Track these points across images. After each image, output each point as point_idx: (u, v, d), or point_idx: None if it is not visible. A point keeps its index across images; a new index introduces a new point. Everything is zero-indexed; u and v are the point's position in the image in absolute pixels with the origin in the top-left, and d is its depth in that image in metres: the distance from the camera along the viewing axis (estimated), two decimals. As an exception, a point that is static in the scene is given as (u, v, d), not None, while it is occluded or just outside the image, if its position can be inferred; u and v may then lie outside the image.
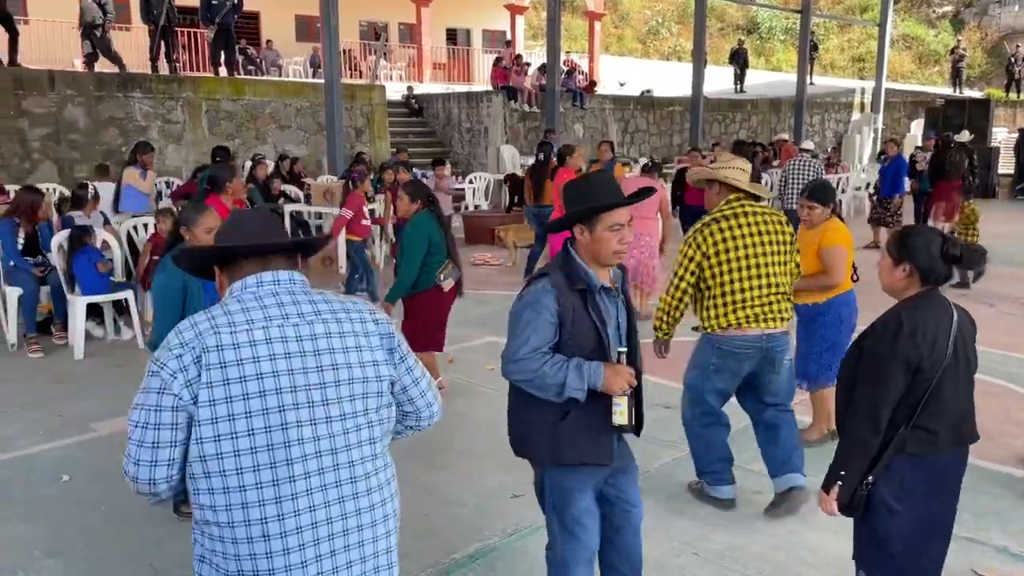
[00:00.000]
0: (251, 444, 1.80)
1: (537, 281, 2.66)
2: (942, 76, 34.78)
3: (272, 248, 1.99)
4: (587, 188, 2.69)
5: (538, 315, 2.58)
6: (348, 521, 1.91)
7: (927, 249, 2.60)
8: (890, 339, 2.55)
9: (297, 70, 22.53)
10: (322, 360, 1.89)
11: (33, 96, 12.11)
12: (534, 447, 2.74)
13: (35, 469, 4.68)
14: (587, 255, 2.66)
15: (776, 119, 24.05)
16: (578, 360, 2.58)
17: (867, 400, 2.57)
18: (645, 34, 39.91)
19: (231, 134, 14.03)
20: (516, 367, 2.59)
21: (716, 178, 4.01)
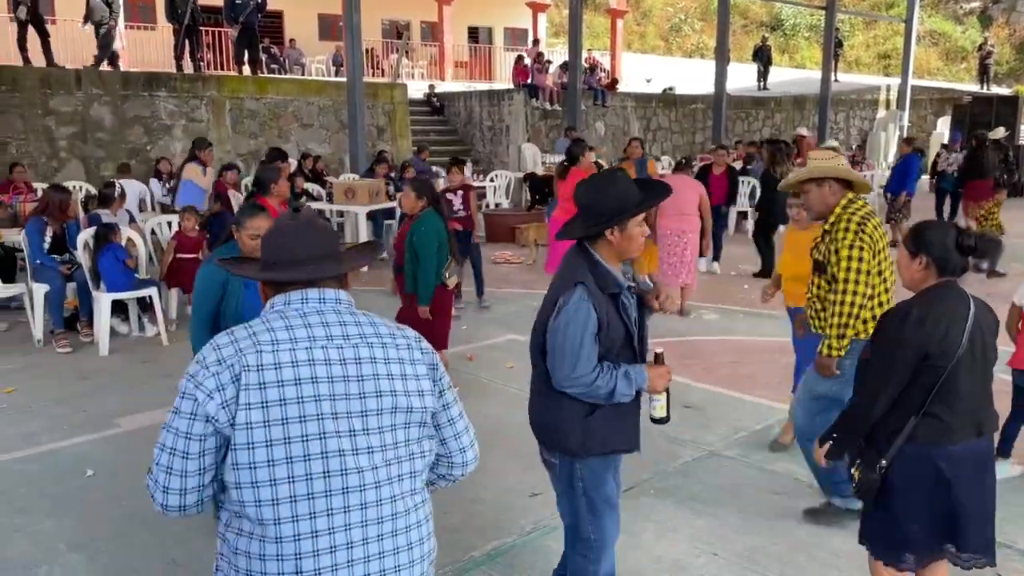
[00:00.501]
0: (288, 473, 1.71)
1: (573, 291, 2.64)
2: (969, 73, 34.31)
3: (323, 277, 1.88)
4: (618, 190, 2.69)
5: (585, 330, 2.61)
6: (385, 561, 1.80)
7: (942, 241, 2.67)
8: (897, 324, 2.66)
9: (320, 69, 22.65)
10: (365, 387, 1.79)
11: (60, 95, 12.26)
12: (563, 437, 2.79)
13: (60, 464, 4.73)
14: (611, 254, 2.70)
15: (800, 117, 23.83)
16: (624, 368, 2.66)
17: (873, 379, 2.70)
18: (668, 31, 39.70)
19: (254, 133, 14.13)
20: (574, 382, 2.64)
21: (835, 174, 3.72)
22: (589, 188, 2.76)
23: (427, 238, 5.30)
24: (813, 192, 3.79)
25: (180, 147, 13.30)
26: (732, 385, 5.96)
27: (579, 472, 2.83)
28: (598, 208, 2.67)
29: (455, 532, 3.90)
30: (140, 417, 5.34)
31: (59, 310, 7.09)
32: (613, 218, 2.64)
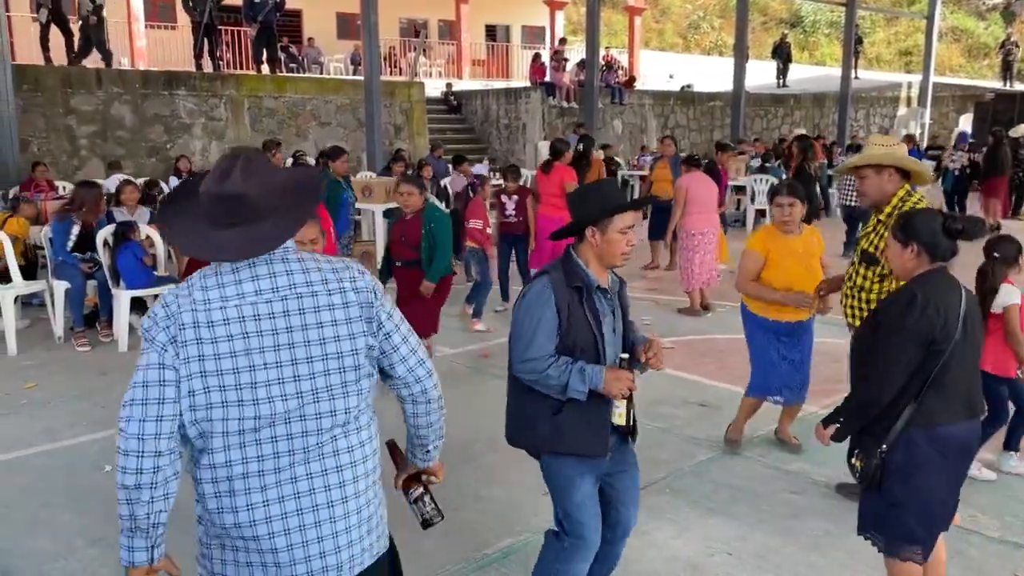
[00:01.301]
0: (223, 415, 1.87)
1: (537, 280, 2.73)
2: (992, 70, 33.91)
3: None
4: (599, 192, 2.77)
5: (541, 315, 2.66)
6: (317, 496, 1.94)
7: (930, 227, 2.76)
8: (904, 312, 2.69)
9: (338, 67, 22.73)
10: (293, 337, 1.90)
11: (81, 94, 12.40)
12: (532, 435, 2.82)
13: (79, 459, 4.79)
14: (593, 257, 2.74)
15: (820, 114, 23.66)
16: (581, 364, 2.65)
17: (881, 365, 2.72)
18: (686, 29, 39.53)
19: (273, 131, 14.21)
20: (523, 367, 2.68)
21: (895, 163, 3.59)
22: (577, 193, 2.89)
23: (445, 223, 5.65)
24: (871, 178, 3.66)
25: (199, 145, 13.42)
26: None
27: (547, 476, 2.87)
28: (582, 206, 2.76)
29: (467, 529, 3.91)
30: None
31: (80, 308, 7.16)
32: (593, 216, 2.70)
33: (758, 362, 4.70)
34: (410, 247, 5.60)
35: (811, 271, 4.46)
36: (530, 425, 2.80)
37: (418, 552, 3.75)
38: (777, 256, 4.47)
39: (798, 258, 4.47)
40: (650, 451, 4.67)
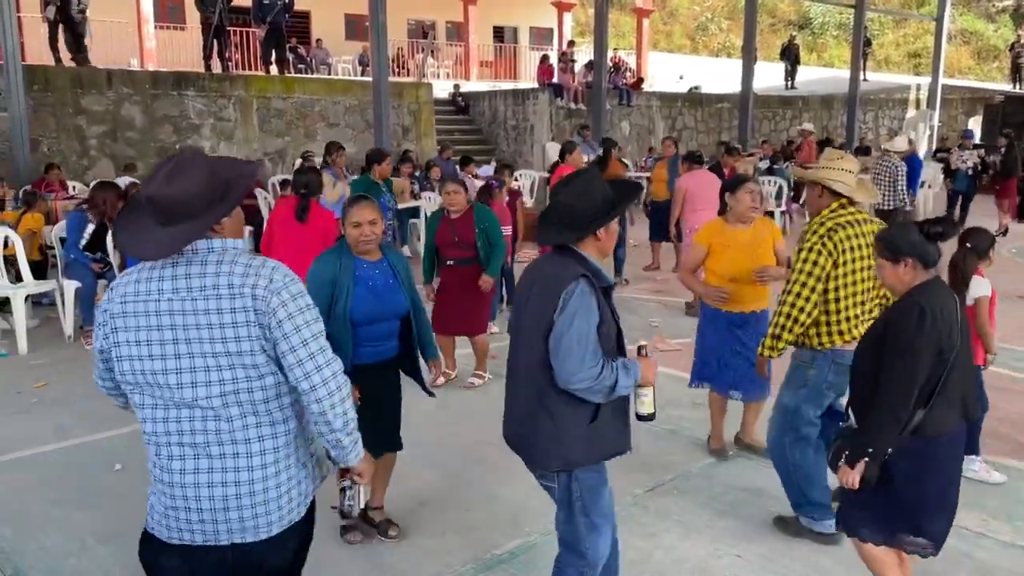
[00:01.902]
0: (142, 401, 2.15)
1: (576, 283, 2.60)
2: (1001, 72, 33.78)
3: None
4: (600, 192, 2.73)
5: (589, 323, 2.59)
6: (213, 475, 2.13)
7: (913, 239, 2.78)
8: (915, 325, 2.69)
9: (346, 68, 22.78)
10: (190, 334, 2.06)
11: (91, 94, 12.45)
12: (569, 454, 2.71)
13: (90, 457, 4.81)
14: (596, 251, 2.73)
15: (828, 116, 23.61)
16: (621, 360, 2.66)
17: (899, 382, 2.70)
18: (694, 30, 39.50)
19: (281, 132, 14.26)
20: (582, 375, 2.57)
21: (818, 180, 3.67)
22: (574, 190, 2.73)
23: (496, 221, 5.79)
24: (808, 193, 3.84)
25: (208, 146, 13.45)
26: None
27: (576, 490, 2.77)
28: (589, 209, 2.68)
29: (476, 529, 3.92)
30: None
31: (90, 307, 7.19)
32: (603, 217, 2.68)
33: (696, 349, 4.80)
34: (465, 246, 5.70)
35: (759, 260, 4.53)
36: (562, 439, 2.69)
37: (428, 551, 3.76)
38: (720, 248, 4.62)
39: (742, 248, 4.55)
40: (658, 453, 4.68)
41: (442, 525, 3.99)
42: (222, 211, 2.10)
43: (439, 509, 4.16)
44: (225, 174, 2.15)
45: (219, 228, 2.12)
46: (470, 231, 5.67)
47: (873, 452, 2.77)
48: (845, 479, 2.84)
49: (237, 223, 2.20)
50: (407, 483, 4.40)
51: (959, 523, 3.94)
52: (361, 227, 3.54)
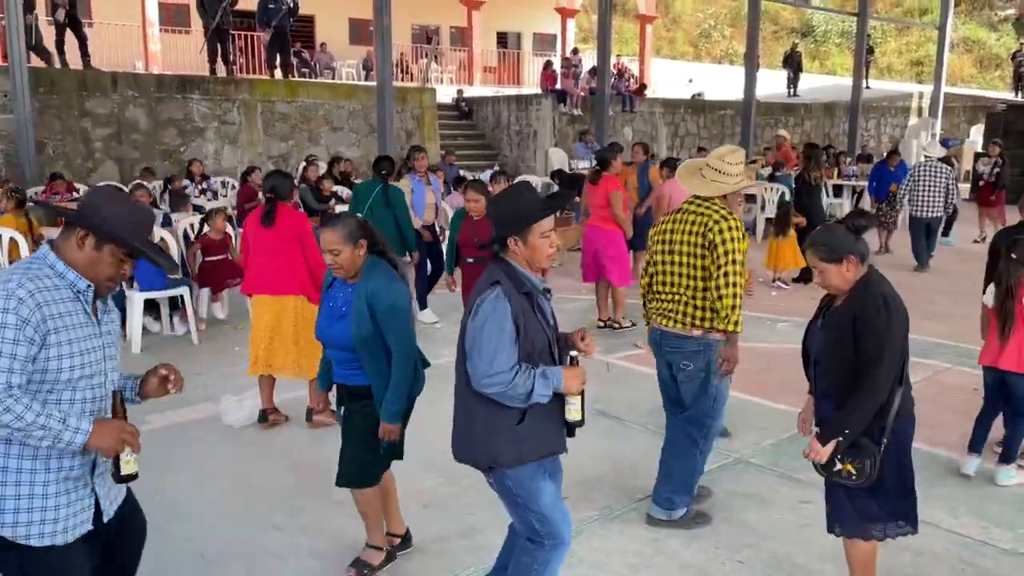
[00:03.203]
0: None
1: (489, 291, 2.71)
2: (1003, 80, 33.82)
3: None
4: (514, 201, 2.80)
5: (502, 327, 2.66)
6: None
7: (846, 238, 2.93)
8: (886, 315, 2.86)
9: (350, 73, 22.84)
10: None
11: (96, 97, 12.49)
12: (492, 449, 2.78)
13: (93, 459, 4.81)
14: (522, 261, 2.79)
15: (830, 123, 23.65)
16: (542, 368, 2.71)
17: (882, 369, 2.84)
18: (697, 37, 39.56)
19: (285, 135, 14.30)
20: (491, 380, 2.65)
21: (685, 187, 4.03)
22: (495, 200, 2.94)
23: None
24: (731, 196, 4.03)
25: (212, 149, 13.50)
26: (760, 392, 5.93)
27: (512, 487, 2.84)
28: (501, 218, 2.80)
29: (479, 533, 3.92)
30: (170, 415, 5.42)
31: (92, 308, 7.21)
32: (512, 227, 2.75)
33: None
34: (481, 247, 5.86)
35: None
36: (490, 439, 2.78)
37: (431, 555, 3.77)
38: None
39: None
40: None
41: (446, 529, 4.00)
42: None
43: (442, 512, 4.17)
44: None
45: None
46: (488, 234, 5.74)
47: (848, 433, 2.90)
48: (815, 455, 2.96)
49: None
50: (410, 487, 4.41)
51: (961, 531, 3.96)
52: (325, 254, 3.37)
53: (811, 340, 3.13)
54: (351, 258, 3.32)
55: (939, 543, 3.86)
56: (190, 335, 7.34)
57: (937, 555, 3.76)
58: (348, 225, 3.33)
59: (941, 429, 5.20)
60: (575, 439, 2.93)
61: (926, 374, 6.42)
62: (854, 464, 2.94)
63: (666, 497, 3.98)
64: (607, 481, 4.53)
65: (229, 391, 5.63)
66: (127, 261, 2.35)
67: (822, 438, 2.95)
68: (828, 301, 3.13)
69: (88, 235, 2.29)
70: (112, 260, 2.32)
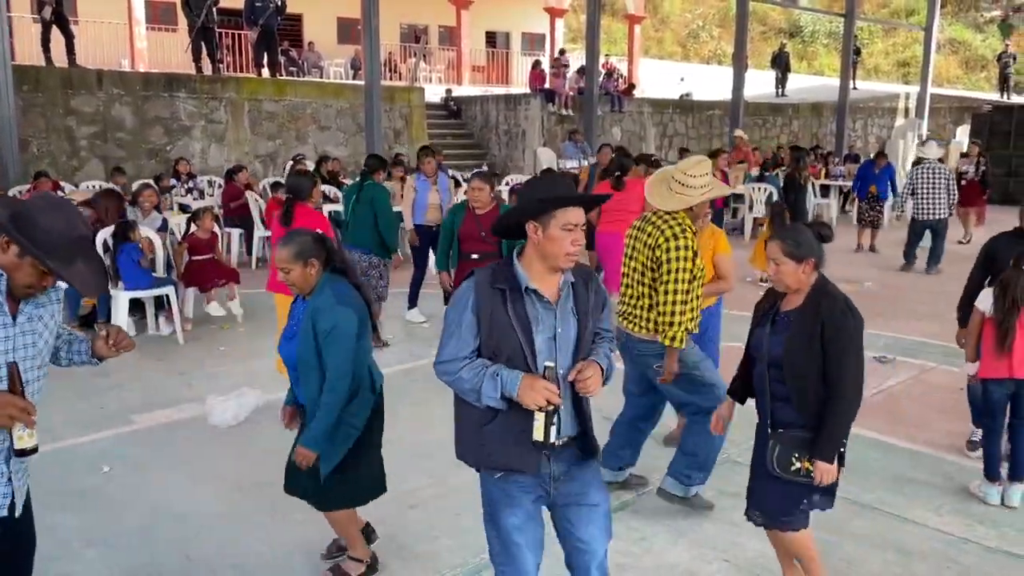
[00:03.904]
0: None
1: (464, 281, 2.56)
2: (989, 82, 34.06)
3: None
4: (544, 184, 2.58)
5: (460, 316, 2.49)
6: None
7: (811, 240, 3.00)
8: (851, 318, 2.94)
9: (338, 72, 22.77)
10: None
11: (81, 95, 12.40)
12: (464, 448, 2.63)
13: (77, 460, 4.78)
14: (536, 256, 2.50)
15: (817, 123, 23.75)
16: (496, 368, 2.45)
17: (853, 373, 2.92)
18: (685, 37, 39.64)
19: (272, 134, 14.24)
20: (440, 368, 2.53)
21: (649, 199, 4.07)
22: (527, 182, 2.77)
23: None
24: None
25: (199, 148, 13.43)
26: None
27: (482, 493, 2.68)
28: (526, 198, 2.55)
29: (467, 533, 3.91)
30: (156, 414, 5.39)
31: (75, 305, 7.17)
32: (535, 208, 2.46)
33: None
34: (491, 241, 5.80)
35: None
36: (463, 435, 2.63)
37: (418, 555, 3.76)
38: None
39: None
40: (649, 458, 4.68)
41: (432, 529, 3.99)
42: None
43: (429, 513, 4.16)
44: None
45: None
46: (489, 225, 5.69)
47: (845, 443, 2.98)
48: (827, 477, 2.95)
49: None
50: (397, 487, 4.39)
51: (944, 529, 3.98)
52: (279, 271, 3.29)
53: (759, 344, 3.12)
54: (302, 276, 3.23)
55: (924, 541, 3.88)
56: (175, 335, 7.29)
57: (922, 553, 3.77)
58: (300, 243, 3.24)
59: (926, 428, 5.23)
60: None
61: (912, 373, 6.45)
62: (809, 461, 2.98)
63: (685, 473, 4.06)
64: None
65: (214, 391, 5.60)
66: (49, 275, 2.30)
67: (825, 456, 2.94)
68: (769, 306, 3.15)
69: (10, 243, 2.25)
70: (32, 271, 2.27)
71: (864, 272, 10.63)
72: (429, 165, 8.17)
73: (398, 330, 7.43)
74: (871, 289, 9.69)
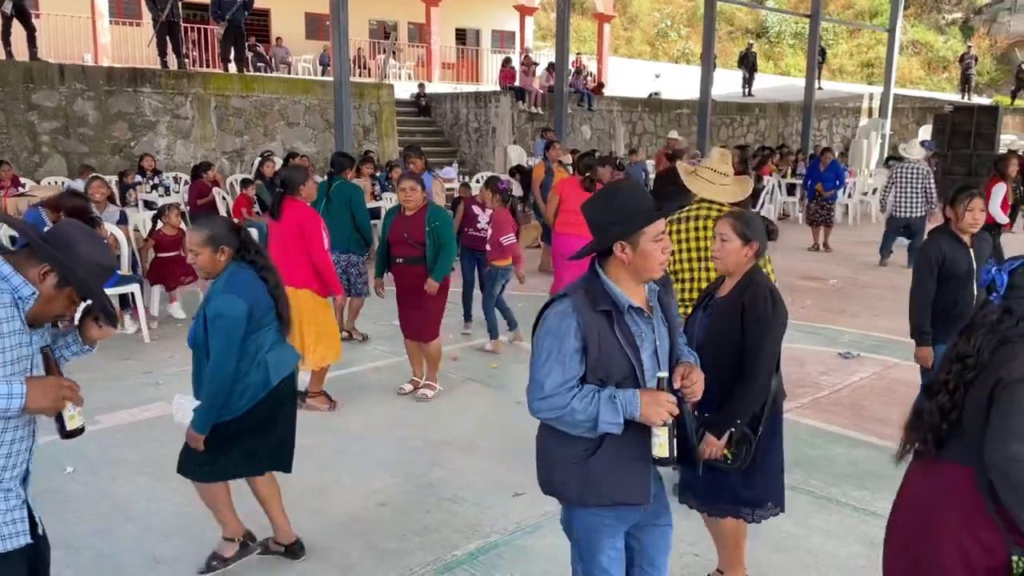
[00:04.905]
0: None
1: (555, 304, 2.36)
2: (951, 82, 34.70)
3: None
4: (621, 200, 2.38)
5: (560, 344, 2.29)
6: None
7: (763, 229, 3.13)
8: (773, 304, 3.03)
9: (307, 68, 22.59)
10: None
11: (43, 90, 12.17)
12: (561, 485, 2.43)
13: (40, 460, 4.65)
14: (624, 273, 2.36)
15: (784, 123, 24.03)
16: (610, 390, 2.30)
17: (767, 360, 3.01)
18: (654, 36, 39.88)
19: (240, 131, 14.08)
20: (543, 404, 2.30)
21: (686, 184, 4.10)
22: (592, 202, 2.44)
23: (449, 223, 5.62)
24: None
25: (164, 144, 13.24)
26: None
27: (573, 529, 2.50)
28: (606, 220, 2.35)
29: (436, 531, 3.91)
30: (121, 414, 5.31)
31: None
32: (623, 229, 2.31)
33: None
34: (413, 243, 5.54)
35: None
36: (557, 471, 2.42)
37: (388, 553, 3.75)
38: None
39: None
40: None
41: (402, 527, 3.98)
42: None
43: (400, 511, 4.15)
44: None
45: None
46: (420, 229, 5.53)
47: (741, 421, 3.03)
48: (711, 451, 3.02)
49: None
50: (368, 486, 4.39)
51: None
52: (188, 253, 3.33)
53: (693, 327, 3.23)
54: (210, 261, 3.25)
55: (888, 534, 3.94)
56: (141, 333, 7.19)
57: (886, 546, 3.84)
58: (212, 228, 3.25)
59: (890, 424, 5.32)
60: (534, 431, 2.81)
61: (876, 369, 6.56)
62: (729, 449, 3.05)
63: None
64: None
65: (180, 390, 5.51)
66: (78, 303, 2.29)
67: (717, 431, 3.02)
68: (710, 290, 3.27)
69: (51, 273, 2.21)
70: (66, 302, 2.26)
71: (831, 270, 10.79)
72: (415, 165, 8.14)
73: (368, 328, 7.40)
74: (836, 287, 9.83)
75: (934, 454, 2.16)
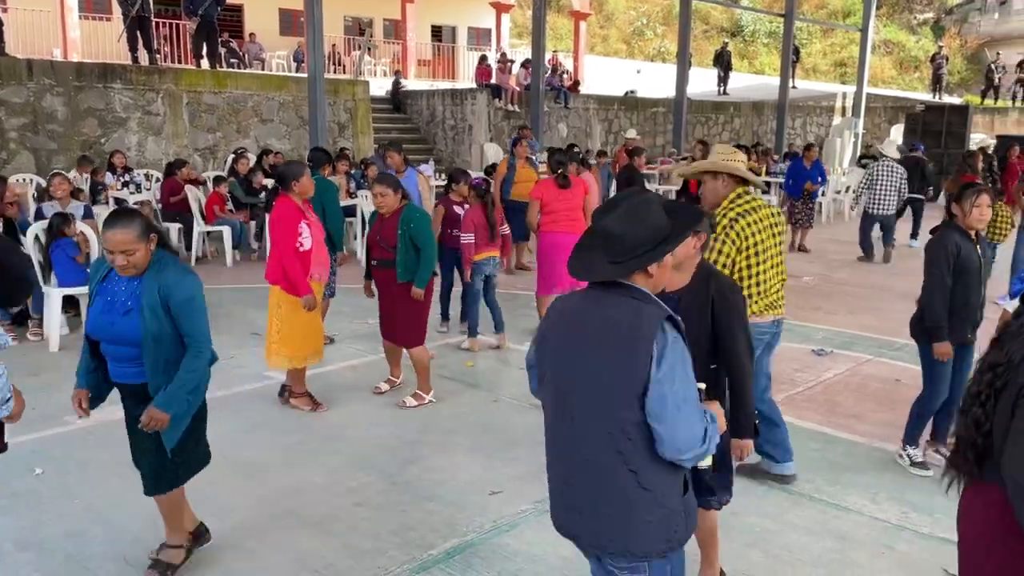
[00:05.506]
0: None
1: (664, 328, 2.13)
2: (922, 82, 35.14)
3: None
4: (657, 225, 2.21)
5: (689, 376, 2.15)
6: None
7: (707, 223, 3.16)
8: (737, 294, 3.11)
9: (281, 64, 22.40)
10: None
11: (11, 85, 11.96)
12: (673, 531, 2.23)
13: (9, 462, 4.58)
14: (651, 287, 2.24)
15: (758, 121, 24.20)
16: (704, 409, 2.25)
17: (744, 343, 3.06)
18: (630, 35, 40.00)
19: (212, 127, 13.93)
20: (689, 444, 2.13)
21: (726, 170, 3.93)
22: (625, 216, 2.20)
23: (425, 225, 5.43)
24: (708, 184, 4.00)
25: (135, 140, 13.07)
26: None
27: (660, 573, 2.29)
28: (638, 242, 2.18)
29: (412, 530, 3.89)
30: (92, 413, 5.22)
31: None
32: (656, 252, 2.18)
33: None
34: (386, 247, 5.44)
35: None
36: (671, 518, 2.23)
37: (364, 552, 3.72)
38: None
39: None
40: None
41: (378, 526, 3.95)
42: None
43: (375, 510, 4.12)
44: None
45: None
46: (393, 232, 5.43)
47: (752, 415, 3.10)
48: (746, 453, 3.14)
49: None
50: (343, 485, 4.35)
51: (880, 516, 4.10)
52: (112, 256, 3.10)
53: None
54: (145, 255, 3.13)
55: (860, 529, 3.98)
56: (112, 332, 7.09)
57: (858, 540, 3.87)
58: (140, 221, 3.13)
59: (863, 418, 5.38)
60: (510, 429, 2.85)
61: (848, 365, 6.62)
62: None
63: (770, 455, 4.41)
64: (542, 474, 4.54)
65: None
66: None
67: (741, 433, 3.07)
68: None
69: None
70: None
71: (804, 267, 10.87)
72: (393, 160, 8.09)
73: (343, 327, 7.35)
74: (810, 284, 9.92)
75: (977, 474, 1.96)
